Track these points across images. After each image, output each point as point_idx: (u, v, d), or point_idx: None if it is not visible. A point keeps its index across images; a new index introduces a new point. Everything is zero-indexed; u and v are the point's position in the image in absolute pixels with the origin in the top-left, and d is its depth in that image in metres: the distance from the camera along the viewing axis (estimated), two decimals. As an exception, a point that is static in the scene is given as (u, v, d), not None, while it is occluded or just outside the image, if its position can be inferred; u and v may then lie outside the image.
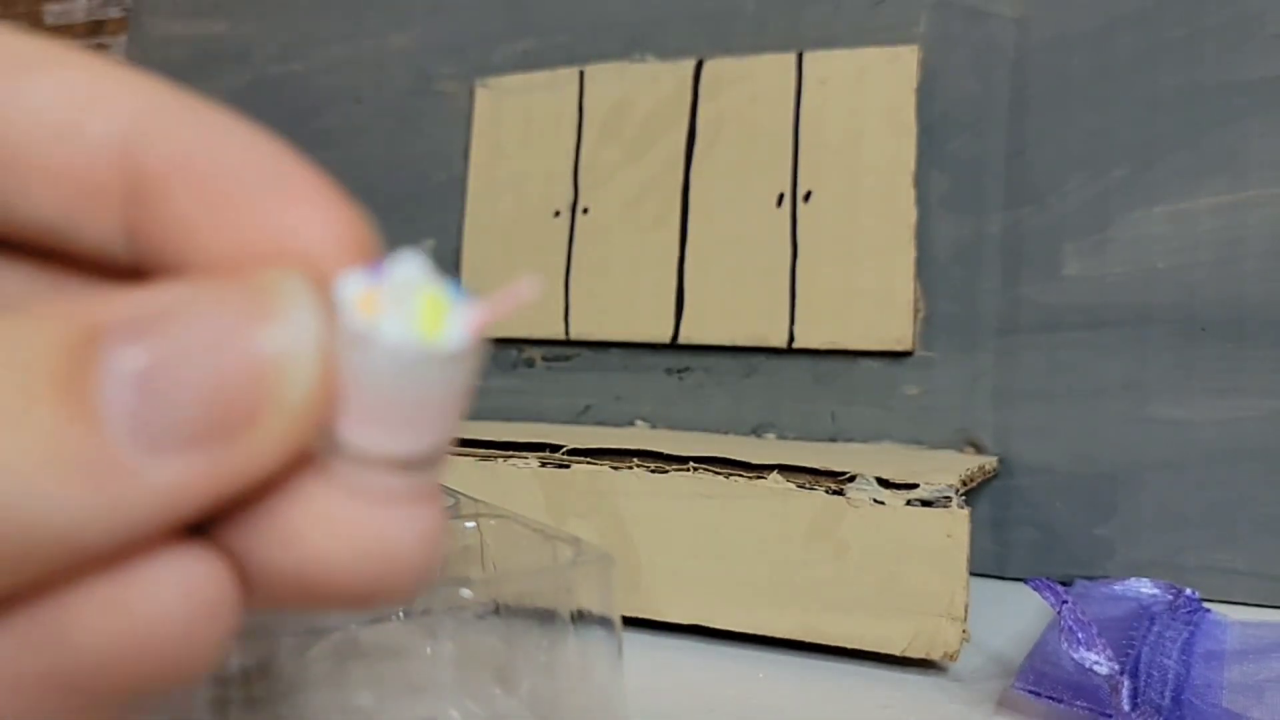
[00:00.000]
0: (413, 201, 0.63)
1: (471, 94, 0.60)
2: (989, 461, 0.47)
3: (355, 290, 0.13)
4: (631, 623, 0.40)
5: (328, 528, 0.13)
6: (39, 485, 0.11)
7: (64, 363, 0.12)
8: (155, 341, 0.12)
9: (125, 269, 0.15)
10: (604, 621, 0.31)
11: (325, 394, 0.13)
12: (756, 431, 0.54)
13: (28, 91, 0.14)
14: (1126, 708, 0.30)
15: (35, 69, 0.14)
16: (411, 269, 0.13)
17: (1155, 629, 0.36)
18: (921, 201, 0.50)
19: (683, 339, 0.54)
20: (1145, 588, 0.42)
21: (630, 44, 0.57)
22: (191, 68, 0.70)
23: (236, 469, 0.12)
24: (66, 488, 0.11)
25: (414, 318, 0.13)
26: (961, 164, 0.51)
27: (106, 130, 0.14)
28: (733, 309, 0.53)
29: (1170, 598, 0.40)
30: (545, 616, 0.31)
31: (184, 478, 0.12)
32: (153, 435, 0.12)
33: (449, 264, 0.60)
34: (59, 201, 0.14)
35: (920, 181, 0.50)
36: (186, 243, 0.13)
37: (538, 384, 0.59)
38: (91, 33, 0.77)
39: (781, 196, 0.53)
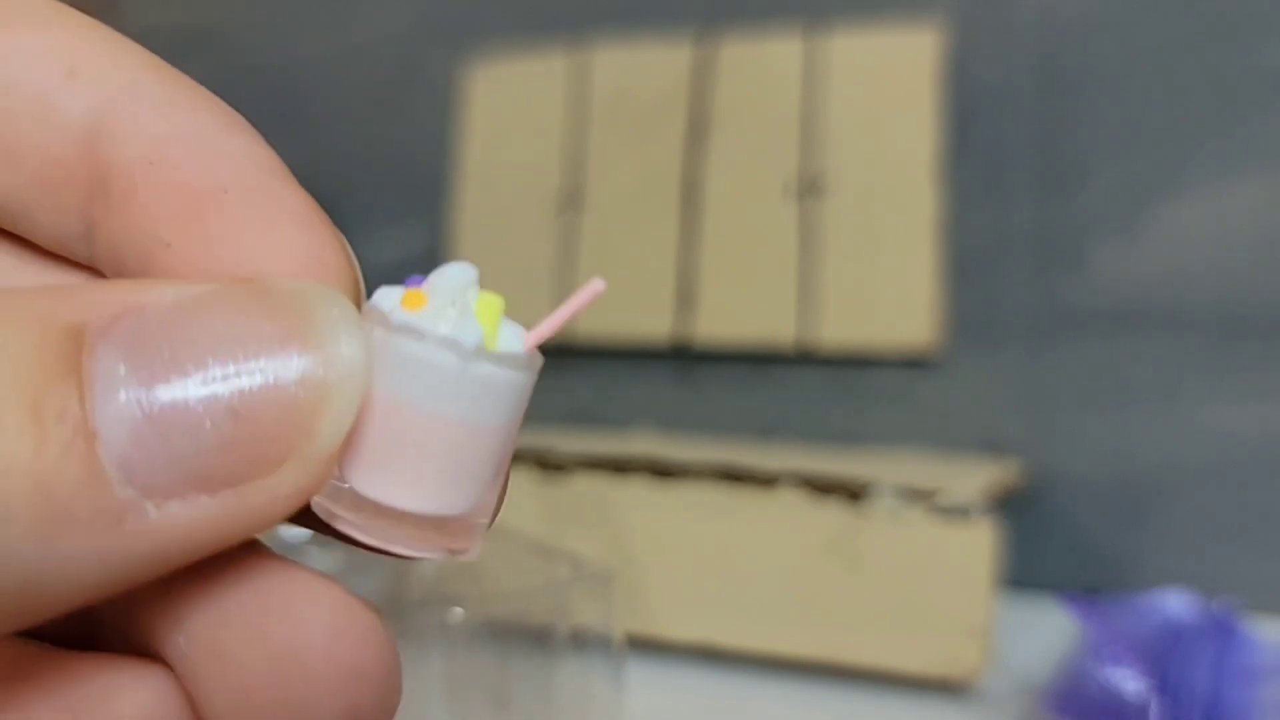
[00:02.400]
0: (399, 191, 0.63)
1: (455, 80, 0.60)
2: (1014, 468, 0.47)
3: (395, 295, 0.12)
4: (633, 642, 0.40)
5: (306, 609, 0.11)
6: (8, 530, 0.09)
7: (41, 377, 0.10)
8: (158, 353, 0.10)
9: (82, 267, 0.13)
10: (604, 641, 0.32)
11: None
12: (767, 435, 0.54)
13: (5, 53, 0.12)
14: (1157, 730, 0.30)
15: (16, 27, 0.13)
16: (459, 272, 0.12)
17: (1184, 645, 0.35)
18: (943, 193, 0.50)
19: (690, 337, 0.54)
20: (1173, 601, 0.41)
21: (633, 15, 0.57)
22: (174, 55, 0.70)
23: (250, 515, 0.11)
24: (45, 534, 0.10)
25: (470, 316, 0.11)
26: (985, 154, 0.51)
27: (82, 110, 0.12)
28: (743, 307, 0.53)
29: (1199, 612, 0.40)
30: (541, 636, 0.31)
31: (188, 524, 0.10)
32: (155, 477, 0.10)
33: (441, 260, 0.60)
34: (18, 184, 0.13)
35: (941, 172, 0.50)
36: (150, 253, 0.12)
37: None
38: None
39: (794, 188, 0.53)
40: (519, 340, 0.12)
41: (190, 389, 0.10)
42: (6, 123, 0.12)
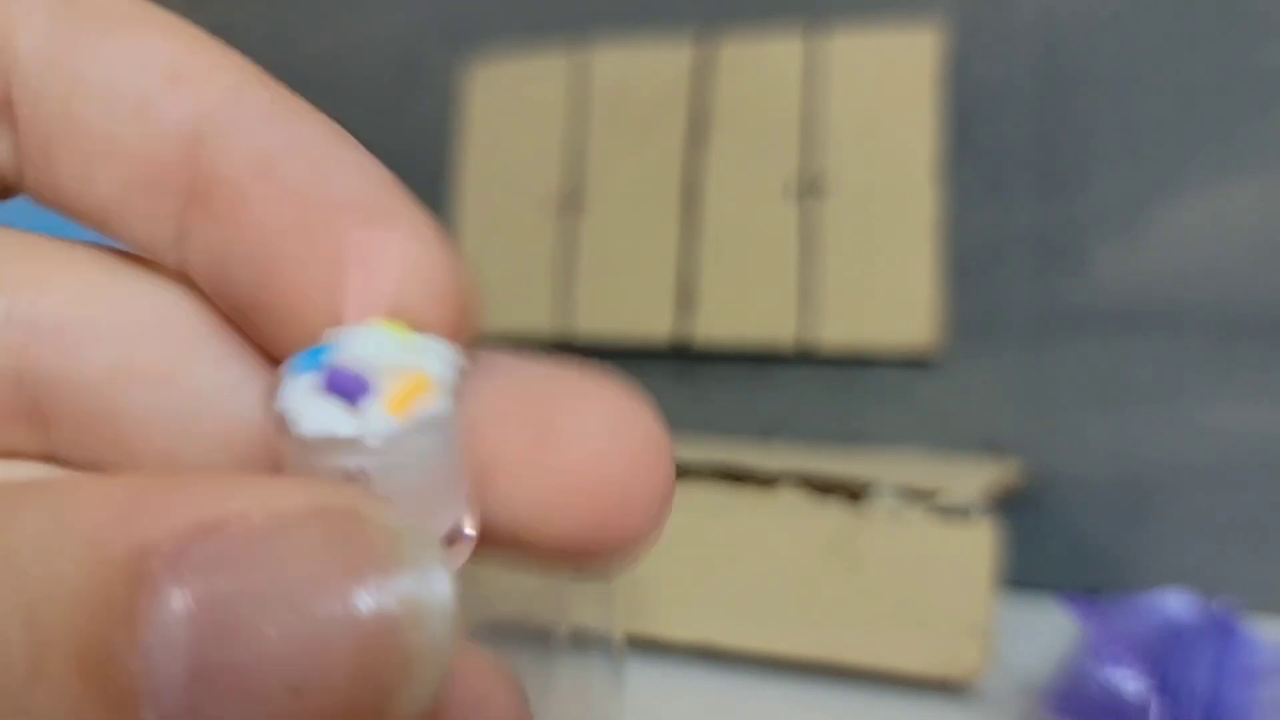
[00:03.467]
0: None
1: (455, 80, 0.60)
2: (1015, 468, 0.47)
3: (331, 410, 0.10)
4: (632, 643, 0.40)
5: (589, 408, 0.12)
6: None
7: (92, 622, 0.08)
8: (234, 601, 0.08)
9: (170, 267, 0.13)
10: (603, 642, 0.31)
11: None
12: (767, 435, 0.54)
13: (110, 54, 0.12)
14: (1157, 731, 0.30)
15: (124, 28, 0.13)
16: (379, 352, 0.11)
17: (1184, 645, 0.35)
18: (943, 193, 0.50)
19: (690, 337, 0.54)
20: (1173, 601, 0.41)
21: (633, 15, 0.57)
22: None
23: None
24: None
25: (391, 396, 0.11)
26: (985, 154, 0.51)
27: (183, 115, 0.12)
28: (743, 307, 0.53)
29: (1199, 612, 0.40)
30: (539, 637, 0.31)
31: None
32: None
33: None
34: (116, 187, 0.13)
35: (941, 172, 0.50)
36: (255, 265, 0.12)
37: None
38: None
39: (794, 188, 0.53)
40: (445, 365, 0.11)
41: (258, 649, 0.08)
42: (108, 124, 0.12)
